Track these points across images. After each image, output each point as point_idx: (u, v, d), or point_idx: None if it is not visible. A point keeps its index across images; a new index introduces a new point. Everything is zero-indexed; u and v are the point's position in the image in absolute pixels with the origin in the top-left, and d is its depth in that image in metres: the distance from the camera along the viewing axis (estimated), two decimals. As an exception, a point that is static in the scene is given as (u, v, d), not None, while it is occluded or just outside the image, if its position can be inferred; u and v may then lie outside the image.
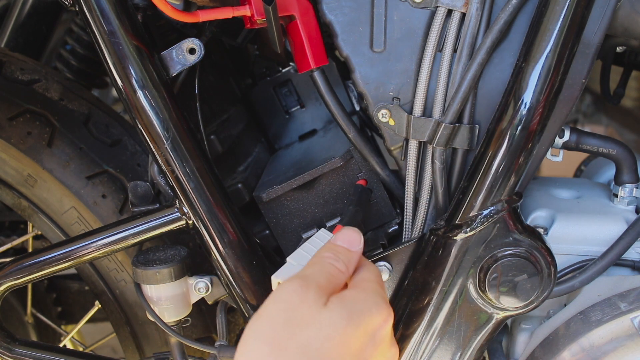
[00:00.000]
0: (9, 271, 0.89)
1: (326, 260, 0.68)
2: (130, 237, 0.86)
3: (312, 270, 0.67)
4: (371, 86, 0.82)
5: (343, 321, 0.62)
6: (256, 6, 0.75)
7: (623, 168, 0.89)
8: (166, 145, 0.80)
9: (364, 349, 0.63)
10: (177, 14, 0.73)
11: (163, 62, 0.81)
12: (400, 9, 0.79)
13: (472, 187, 0.79)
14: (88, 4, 0.76)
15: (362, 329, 0.63)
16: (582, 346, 0.84)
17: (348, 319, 0.62)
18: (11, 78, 1.01)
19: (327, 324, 0.62)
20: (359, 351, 0.63)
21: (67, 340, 1.27)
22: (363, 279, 0.69)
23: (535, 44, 0.74)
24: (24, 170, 0.99)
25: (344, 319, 0.62)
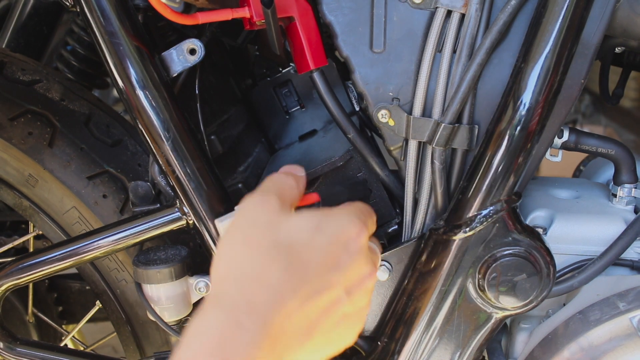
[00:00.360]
0: (10, 271, 0.89)
1: (276, 178, 0.71)
2: (131, 236, 0.87)
3: (266, 186, 0.69)
4: (371, 86, 0.82)
5: (312, 229, 0.64)
6: (255, 8, 0.75)
7: (622, 168, 0.89)
8: (167, 145, 0.80)
9: (337, 255, 0.64)
10: (177, 17, 0.73)
11: (164, 62, 0.81)
12: (400, 9, 0.79)
13: (471, 187, 0.79)
14: (89, 5, 0.77)
15: (333, 237, 0.65)
16: (581, 345, 0.84)
17: (317, 227, 0.65)
18: (12, 78, 1.01)
19: (295, 227, 0.64)
20: (332, 256, 0.64)
21: (68, 339, 1.27)
22: (341, 206, 0.70)
23: (534, 44, 0.74)
24: (25, 170, 0.99)
25: (313, 227, 0.65)
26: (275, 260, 0.62)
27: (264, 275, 0.60)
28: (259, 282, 0.60)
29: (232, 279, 0.61)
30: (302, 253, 0.63)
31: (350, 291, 0.65)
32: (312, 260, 0.63)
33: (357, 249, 0.66)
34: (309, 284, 0.62)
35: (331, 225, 0.66)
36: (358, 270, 0.67)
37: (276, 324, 0.59)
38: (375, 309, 0.88)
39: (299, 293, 0.61)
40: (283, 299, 0.60)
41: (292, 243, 0.63)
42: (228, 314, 0.58)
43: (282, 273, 0.61)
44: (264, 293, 0.60)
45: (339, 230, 0.66)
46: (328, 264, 0.64)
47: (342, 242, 0.66)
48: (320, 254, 0.63)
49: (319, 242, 0.64)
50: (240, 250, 0.63)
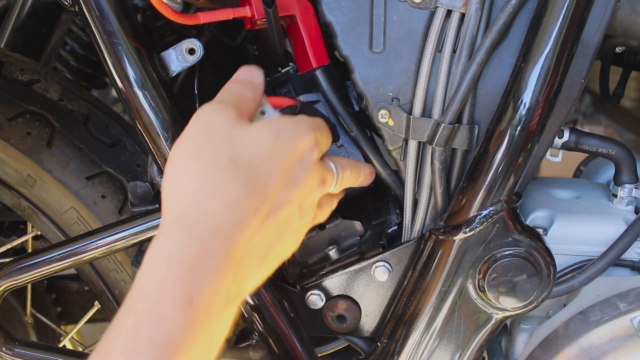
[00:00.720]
0: (8, 271, 0.89)
1: (232, 86, 0.67)
2: (129, 237, 0.86)
3: (222, 96, 0.66)
4: (370, 86, 0.82)
5: (270, 139, 0.61)
6: (256, 7, 0.75)
7: (622, 168, 0.89)
8: (166, 145, 0.80)
9: (292, 170, 0.62)
10: (178, 17, 0.73)
11: (162, 62, 0.81)
12: (400, 9, 0.79)
13: (471, 188, 0.79)
14: (87, 5, 0.76)
15: (289, 149, 0.62)
16: (581, 346, 0.84)
17: (275, 137, 0.61)
18: (11, 78, 1.01)
19: (254, 140, 0.61)
20: (288, 171, 0.62)
21: (67, 340, 1.27)
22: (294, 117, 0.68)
23: (534, 44, 0.74)
24: (24, 170, 0.99)
25: (271, 137, 0.61)
26: (236, 177, 0.58)
27: (225, 194, 0.57)
28: (221, 202, 0.57)
29: (192, 198, 0.57)
30: (261, 167, 0.60)
31: (302, 204, 0.64)
32: (271, 175, 0.60)
33: (310, 163, 0.64)
34: (268, 202, 0.59)
35: (288, 136, 0.63)
36: (310, 183, 0.64)
37: (240, 248, 0.56)
38: (374, 309, 0.88)
39: (260, 212, 0.58)
40: (245, 219, 0.57)
41: (252, 156, 0.60)
42: (194, 237, 0.55)
43: (243, 190, 0.58)
44: (226, 214, 0.56)
45: (296, 142, 0.63)
46: (285, 178, 0.61)
47: (298, 155, 0.63)
48: (278, 168, 0.61)
49: (277, 154, 0.61)
50: (197, 166, 0.59)
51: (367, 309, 0.88)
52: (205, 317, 0.53)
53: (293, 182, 0.62)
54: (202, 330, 0.53)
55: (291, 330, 0.87)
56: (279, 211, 0.60)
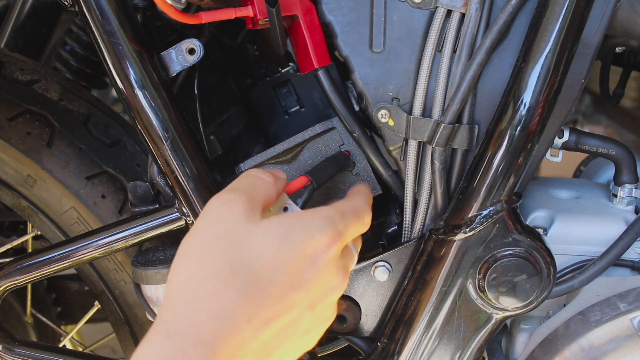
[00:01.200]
0: (8, 271, 0.89)
1: (251, 173, 0.65)
2: (129, 237, 0.86)
3: (236, 183, 0.64)
4: (370, 86, 0.82)
5: (277, 241, 0.59)
6: (259, 7, 0.75)
7: (622, 168, 0.89)
8: (166, 145, 0.80)
9: (301, 272, 0.59)
10: (180, 16, 0.73)
11: (162, 62, 0.81)
12: (400, 9, 0.79)
13: (471, 188, 0.79)
14: (88, 5, 0.76)
15: (299, 251, 0.59)
16: (581, 346, 0.84)
17: (283, 239, 0.59)
18: (11, 78, 1.01)
19: (259, 242, 0.58)
20: (295, 274, 0.59)
21: (67, 340, 1.27)
22: (321, 206, 0.64)
23: (534, 44, 0.74)
24: (24, 170, 0.99)
25: (278, 239, 0.59)
26: (230, 283, 0.57)
27: (216, 301, 0.56)
28: (210, 309, 0.56)
29: (181, 303, 0.57)
30: (262, 273, 0.58)
31: (314, 305, 0.61)
32: (273, 280, 0.58)
33: (326, 262, 0.61)
34: (267, 309, 0.57)
35: (300, 236, 0.60)
36: (324, 284, 0.61)
37: (227, 355, 0.55)
38: (374, 309, 0.88)
39: (255, 320, 0.57)
40: (235, 327, 0.56)
41: (253, 261, 0.58)
42: (176, 346, 0.54)
43: (236, 298, 0.56)
44: (214, 321, 0.55)
45: (307, 241, 0.60)
46: (290, 283, 0.59)
47: (309, 256, 0.60)
48: (283, 273, 0.58)
49: (283, 258, 0.59)
50: (195, 269, 0.58)
51: (367, 309, 0.88)
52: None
53: (301, 285, 0.59)
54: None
55: (291, 330, 0.87)
56: (281, 316, 0.58)
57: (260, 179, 0.65)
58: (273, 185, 0.65)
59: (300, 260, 0.59)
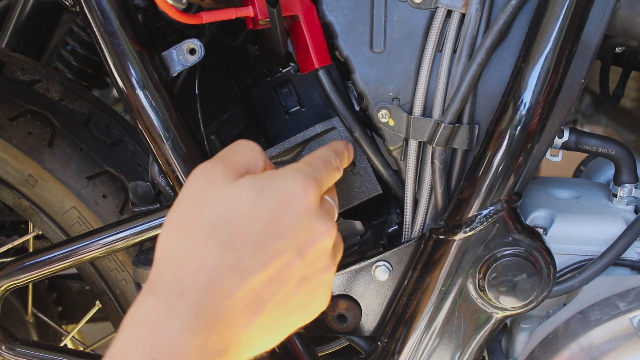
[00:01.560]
0: (9, 271, 0.89)
1: (237, 142, 0.67)
2: (130, 237, 0.87)
3: (221, 152, 0.66)
4: (371, 86, 0.82)
5: (252, 195, 0.60)
6: (260, 7, 0.75)
7: (622, 168, 0.89)
8: (166, 145, 0.80)
9: (281, 221, 0.60)
10: (181, 16, 0.73)
11: (163, 62, 0.81)
12: (400, 9, 0.79)
13: (471, 187, 0.79)
14: (89, 5, 0.77)
15: (275, 201, 0.61)
16: (581, 346, 0.84)
17: (258, 193, 0.60)
18: (12, 78, 1.01)
19: (234, 198, 0.60)
20: (275, 222, 0.60)
21: (68, 339, 1.27)
22: (283, 168, 0.66)
23: (534, 44, 0.74)
24: (25, 170, 0.99)
25: (254, 193, 0.60)
26: (211, 238, 0.58)
27: (198, 256, 0.58)
28: (193, 263, 0.57)
29: (166, 263, 0.59)
30: (242, 225, 0.59)
31: (303, 252, 0.61)
32: (254, 231, 0.59)
33: (305, 208, 0.62)
34: (251, 258, 0.58)
35: (274, 189, 0.61)
36: (309, 228, 0.62)
37: (213, 304, 0.56)
38: (375, 309, 0.88)
39: (238, 268, 0.58)
40: (218, 277, 0.57)
41: (231, 215, 0.59)
42: (160, 300, 0.56)
43: (219, 250, 0.58)
44: (198, 274, 0.57)
45: (282, 192, 0.61)
46: (272, 231, 0.60)
47: (287, 204, 0.61)
48: (262, 223, 0.60)
49: (260, 209, 0.60)
50: (176, 232, 0.60)
51: (368, 309, 0.88)
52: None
53: (283, 232, 0.60)
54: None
55: (292, 329, 0.87)
56: (267, 264, 0.59)
57: (244, 144, 0.67)
58: (259, 152, 0.66)
59: (278, 209, 0.61)
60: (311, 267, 0.63)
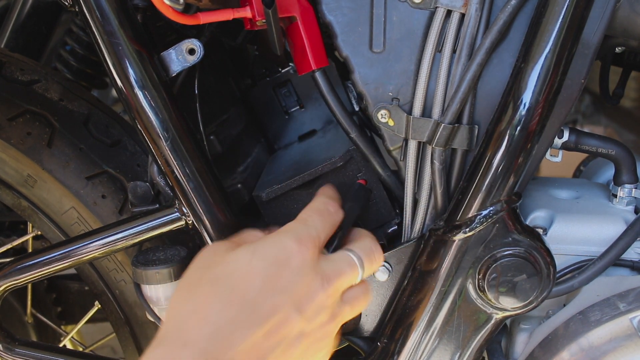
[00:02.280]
0: (8, 271, 0.89)
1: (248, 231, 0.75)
2: (130, 237, 0.86)
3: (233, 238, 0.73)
4: (370, 86, 0.82)
5: (247, 256, 0.65)
6: (257, 8, 0.75)
7: (622, 168, 0.89)
8: (166, 145, 0.80)
9: (277, 277, 0.64)
10: (179, 17, 0.73)
11: (163, 62, 0.81)
12: (400, 9, 0.79)
13: (471, 188, 0.79)
14: (88, 5, 0.76)
15: (271, 260, 0.65)
16: (581, 346, 0.84)
17: (252, 253, 0.65)
18: (11, 78, 1.01)
19: (233, 260, 0.65)
20: (272, 279, 0.64)
21: (67, 340, 1.27)
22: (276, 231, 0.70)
23: (534, 44, 0.74)
24: (24, 170, 0.99)
25: (250, 252, 0.65)
26: (213, 294, 0.63)
27: (202, 311, 0.62)
28: (198, 318, 0.61)
29: (173, 318, 0.63)
30: (240, 282, 0.63)
31: (301, 308, 0.64)
32: (252, 286, 0.63)
33: (301, 264, 0.65)
34: (250, 312, 0.61)
35: (269, 248, 0.66)
36: (305, 285, 0.65)
37: (217, 355, 0.58)
38: (375, 309, 0.88)
39: (239, 322, 0.61)
40: (221, 329, 0.60)
41: (230, 274, 0.64)
42: (165, 349, 0.59)
43: (220, 305, 0.62)
44: (201, 326, 0.60)
45: (277, 250, 0.65)
46: (269, 287, 0.63)
47: (283, 262, 0.65)
48: (260, 280, 0.63)
49: (257, 267, 0.64)
50: (182, 293, 0.66)
51: (367, 309, 0.88)
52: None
53: (280, 288, 0.63)
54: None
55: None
56: (267, 318, 0.62)
57: (250, 234, 0.74)
58: (261, 232, 0.74)
59: (274, 267, 0.64)
60: (310, 322, 0.65)
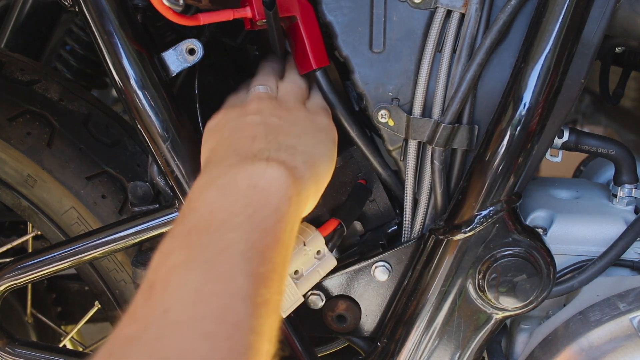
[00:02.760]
0: (9, 271, 0.89)
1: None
2: (130, 237, 0.86)
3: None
4: (370, 87, 0.82)
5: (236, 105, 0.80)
6: (257, 8, 0.75)
7: (622, 168, 0.89)
8: (166, 145, 0.80)
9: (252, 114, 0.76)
10: (178, 18, 0.73)
11: (163, 62, 0.81)
12: (400, 9, 0.79)
13: (471, 188, 0.79)
14: (88, 5, 0.76)
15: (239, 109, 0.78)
16: (581, 346, 0.84)
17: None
18: (11, 78, 1.01)
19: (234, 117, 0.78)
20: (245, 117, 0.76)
21: (67, 340, 1.27)
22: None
23: (534, 44, 0.74)
24: (24, 170, 0.99)
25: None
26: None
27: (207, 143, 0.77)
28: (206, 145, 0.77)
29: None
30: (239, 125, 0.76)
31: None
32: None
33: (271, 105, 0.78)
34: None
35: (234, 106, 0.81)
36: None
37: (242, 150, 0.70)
38: (374, 309, 0.88)
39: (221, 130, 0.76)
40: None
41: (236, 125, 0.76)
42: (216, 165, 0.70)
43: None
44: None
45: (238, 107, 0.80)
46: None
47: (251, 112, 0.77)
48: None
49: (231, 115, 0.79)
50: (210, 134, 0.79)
51: (367, 309, 0.88)
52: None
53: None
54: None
55: (291, 330, 0.87)
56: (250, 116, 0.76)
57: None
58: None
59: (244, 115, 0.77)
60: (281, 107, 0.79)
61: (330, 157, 0.76)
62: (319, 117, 0.79)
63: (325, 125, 0.79)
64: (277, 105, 0.78)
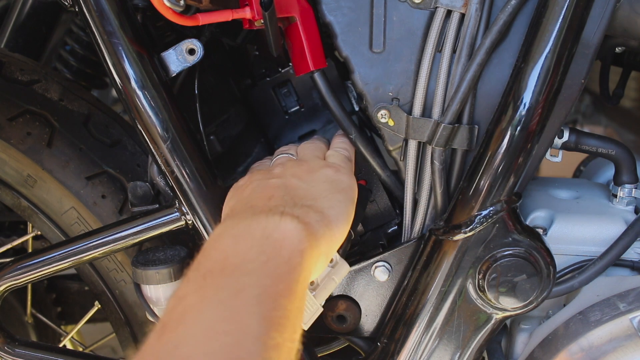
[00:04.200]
0: (8, 271, 0.89)
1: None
2: (129, 237, 0.86)
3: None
4: (370, 87, 0.82)
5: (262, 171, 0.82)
6: (257, 8, 0.75)
7: (622, 168, 0.89)
8: (165, 145, 0.80)
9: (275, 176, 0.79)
10: (178, 18, 0.73)
11: (162, 62, 0.81)
12: (400, 9, 0.79)
13: (471, 188, 0.79)
14: (88, 5, 0.76)
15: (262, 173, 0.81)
16: (581, 346, 0.84)
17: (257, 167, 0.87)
18: (11, 78, 1.00)
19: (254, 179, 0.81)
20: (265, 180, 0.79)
21: (67, 340, 1.27)
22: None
23: (534, 44, 0.74)
24: (24, 170, 0.99)
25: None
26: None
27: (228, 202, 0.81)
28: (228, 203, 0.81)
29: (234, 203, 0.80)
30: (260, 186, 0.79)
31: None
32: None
33: (290, 166, 0.81)
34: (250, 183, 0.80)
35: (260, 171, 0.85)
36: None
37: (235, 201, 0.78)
38: (374, 309, 0.88)
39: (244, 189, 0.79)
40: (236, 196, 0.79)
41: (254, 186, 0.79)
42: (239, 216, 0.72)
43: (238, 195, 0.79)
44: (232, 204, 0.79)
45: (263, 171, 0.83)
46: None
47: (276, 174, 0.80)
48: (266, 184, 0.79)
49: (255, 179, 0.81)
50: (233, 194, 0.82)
51: (367, 309, 0.88)
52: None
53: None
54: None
55: (291, 330, 0.87)
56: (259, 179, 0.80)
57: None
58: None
59: (268, 174, 0.81)
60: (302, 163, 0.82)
61: (346, 219, 0.76)
62: (339, 176, 0.79)
63: (346, 186, 0.78)
64: (298, 166, 0.80)
